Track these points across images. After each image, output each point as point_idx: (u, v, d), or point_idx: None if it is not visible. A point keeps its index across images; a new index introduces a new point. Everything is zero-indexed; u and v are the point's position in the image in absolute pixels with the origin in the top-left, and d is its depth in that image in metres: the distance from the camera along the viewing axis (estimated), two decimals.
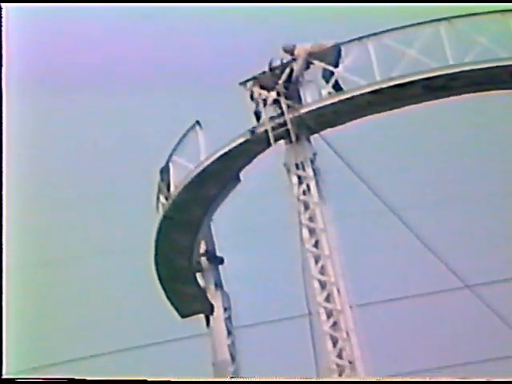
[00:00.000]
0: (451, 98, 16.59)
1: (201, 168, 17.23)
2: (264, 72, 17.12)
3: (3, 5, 13.71)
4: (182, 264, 18.12)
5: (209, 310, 18.28)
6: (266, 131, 16.82)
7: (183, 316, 18.59)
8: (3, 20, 13.68)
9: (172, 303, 18.46)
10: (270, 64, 17.14)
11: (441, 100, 16.66)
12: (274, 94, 16.89)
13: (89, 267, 22.60)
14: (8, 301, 13.11)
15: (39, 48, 21.78)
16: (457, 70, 16.08)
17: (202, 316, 18.60)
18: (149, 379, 12.38)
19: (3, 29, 13.62)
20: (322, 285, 16.32)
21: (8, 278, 13.33)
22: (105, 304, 22.77)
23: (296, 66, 16.94)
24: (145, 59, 23.56)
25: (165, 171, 17.84)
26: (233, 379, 17.20)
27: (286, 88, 16.87)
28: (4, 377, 12.57)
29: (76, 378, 12.17)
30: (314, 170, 16.83)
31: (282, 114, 16.82)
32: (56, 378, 12.33)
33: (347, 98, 16.58)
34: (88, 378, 12.29)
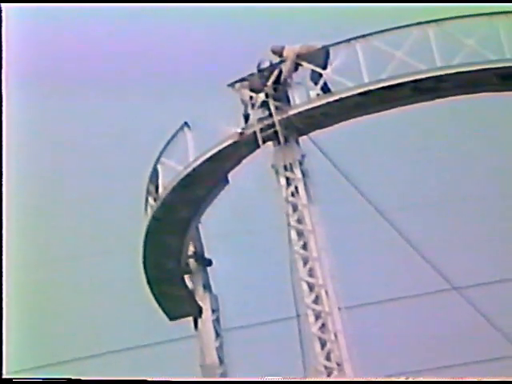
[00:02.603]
0: (440, 99, 16.64)
1: (189, 169, 17.20)
2: (252, 73, 17.12)
3: (3, 5, 13.67)
4: (171, 266, 18.08)
5: (197, 313, 18.25)
6: (255, 133, 16.81)
7: (171, 318, 18.55)
8: (3, 20, 13.62)
9: (160, 305, 18.42)
10: (259, 65, 17.14)
11: (429, 102, 16.71)
12: (262, 96, 16.90)
13: (76, 269, 22.54)
14: (8, 301, 13.04)
15: (39, 48, 21.74)
16: (445, 72, 16.12)
17: (190, 318, 18.56)
18: (149, 379, 12.31)
19: (3, 29, 13.56)
20: (311, 287, 16.32)
21: (7, 278, 13.26)
22: (92, 306, 22.71)
23: (285, 68, 16.94)
24: (135, 60, 23.53)
25: (153, 172, 17.81)
26: (233, 379, 17.13)
27: (274, 89, 16.87)
28: (4, 377, 12.48)
29: (75, 378, 12.10)
30: (302, 172, 16.83)
31: (271, 115, 16.82)
32: (56, 378, 12.28)
33: (335, 100, 16.59)
34: (88, 378, 12.22)
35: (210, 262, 18.58)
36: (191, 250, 18.50)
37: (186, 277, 18.53)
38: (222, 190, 17.64)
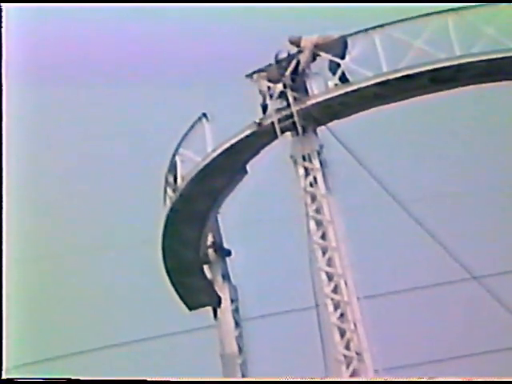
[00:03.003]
0: (458, 89, 16.57)
1: (208, 160, 17.22)
2: (270, 64, 17.10)
3: (3, 5, 13.68)
4: (190, 256, 18.13)
5: (216, 303, 18.31)
6: (273, 123, 16.81)
7: (191, 308, 18.60)
8: (3, 20, 13.65)
9: (179, 296, 18.49)
10: (277, 56, 17.12)
11: (448, 91, 16.64)
12: (280, 86, 16.88)
13: (97, 261, 22.66)
14: (8, 301, 13.11)
15: (39, 48, 21.79)
16: (464, 60, 16.04)
17: (209, 308, 18.63)
18: (148, 379, 12.35)
19: (3, 29, 13.59)
20: (329, 276, 16.33)
21: (8, 274, 13.31)
22: (112, 297, 22.83)
23: (302, 58, 16.92)
24: (150, 52, 23.56)
25: (172, 164, 17.86)
26: (233, 379, 17.19)
27: (292, 80, 16.85)
28: (4, 377, 12.55)
29: (76, 378, 12.16)
30: (320, 162, 16.82)
31: (289, 106, 16.80)
32: (55, 378, 12.33)
33: (353, 90, 16.56)
34: (87, 378, 12.28)
35: (229, 253, 18.63)
36: (210, 240, 18.55)
37: (205, 267, 18.59)
38: (240, 180, 17.66)
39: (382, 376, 15.68)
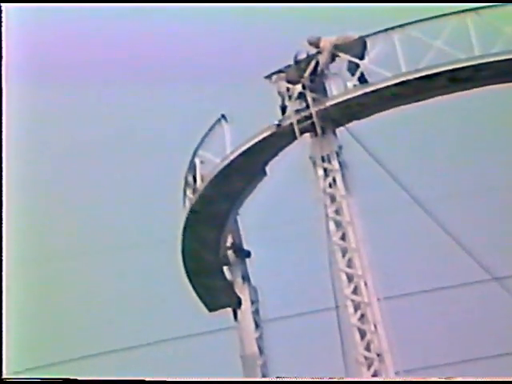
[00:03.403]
0: (477, 89, 16.51)
1: (227, 162, 17.25)
2: (289, 65, 17.11)
3: (3, 5, 13.73)
4: (209, 258, 18.15)
5: (236, 304, 18.32)
6: (292, 124, 16.81)
7: (211, 310, 18.62)
8: (3, 20, 13.69)
9: (200, 297, 18.51)
10: (296, 57, 17.12)
11: (467, 91, 16.59)
12: (299, 87, 16.88)
13: (117, 262, 22.71)
14: (8, 302, 13.15)
15: (39, 48, 21.85)
16: (483, 60, 15.98)
17: (229, 310, 18.64)
18: (146, 379, 12.37)
19: (3, 29, 13.63)
20: (349, 277, 16.31)
21: (9, 275, 13.35)
22: (132, 299, 22.88)
23: (321, 59, 16.91)
24: (168, 53, 23.56)
25: (191, 166, 17.90)
26: (234, 379, 17.16)
27: (311, 81, 16.85)
28: (4, 377, 12.60)
29: (73, 378, 12.20)
30: (339, 163, 16.80)
31: (308, 107, 16.80)
32: (56, 378, 12.37)
33: (373, 91, 16.53)
34: (86, 379, 12.32)
35: (248, 254, 18.64)
36: (229, 241, 18.57)
37: (225, 268, 18.62)
38: (259, 182, 17.67)
39: (403, 377, 15.64)
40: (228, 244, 18.58)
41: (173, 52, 23.07)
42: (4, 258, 13.07)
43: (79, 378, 12.07)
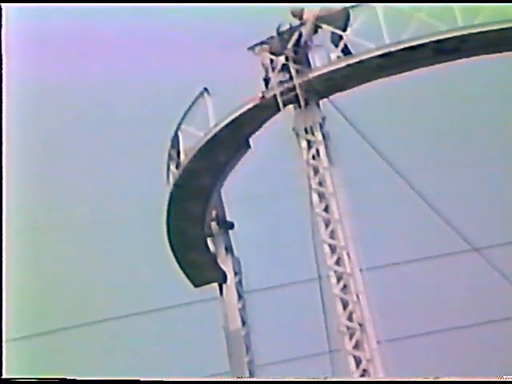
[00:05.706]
0: (462, 60, 16.55)
1: (210, 135, 17.19)
2: (272, 36, 17.05)
3: (3, 5, 13.59)
4: (194, 232, 18.09)
5: (221, 279, 18.34)
6: (275, 96, 16.79)
7: (196, 285, 18.61)
8: (3, 20, 13.58)
9: (185, 273, 18.49)
10: (278, 28, 17.06)
11: (451, 62, 16.63)
12: (282, 59, 16.84)
13: (102, 238, 22.70)
14: (8, 296, 13.13)
15: (39, 48, 21.72)
16: (467, 31, 16.01)
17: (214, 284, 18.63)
18: (141, 379, 12.47)
19: (3, 29, 13.52)
20: (332, 249, 16.40)
21: (11, 266, 13.31)
22: (119, 273, 22.90)
23: (304, 31, 16.87)
24: (149, 26, 23.43)
25: (174, 140, 17.82)
26: (233, 379, 17.26)
27: (294, 52, 16.81)
28: (4, 377, 12.61)
29: (70, 378, 12.27)
30: (323, 135, 16.82)
31: (291, 78, 16.77)
32: (54, 378, 12.41)
33: (356, 62, 16.52)
34: (85, 379, 12.40)
35: (231, 225, 18.66)
36: (213, 213, 18.56)
37: (209, 240, 18.61)
38: (243, 154, 17.64)
39: (384, 346, 15.79)
40: (212, 216, 18.57)
41: (154, 25, 22.96)
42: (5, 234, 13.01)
43: (77, 378, 12.14)
